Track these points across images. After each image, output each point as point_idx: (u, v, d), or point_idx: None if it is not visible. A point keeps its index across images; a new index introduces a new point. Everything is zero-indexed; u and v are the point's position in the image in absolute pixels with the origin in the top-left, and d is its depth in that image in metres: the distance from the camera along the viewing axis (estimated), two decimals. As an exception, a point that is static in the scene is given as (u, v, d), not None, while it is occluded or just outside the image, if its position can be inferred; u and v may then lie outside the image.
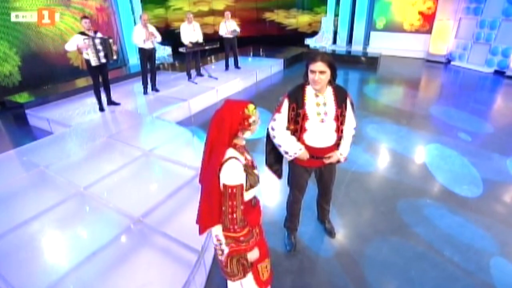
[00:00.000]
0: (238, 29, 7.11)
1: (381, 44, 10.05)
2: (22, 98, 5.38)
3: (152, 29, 5.34)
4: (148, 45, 5.31)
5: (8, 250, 2.26)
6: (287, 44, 10.84)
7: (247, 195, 1.40)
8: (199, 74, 6.88)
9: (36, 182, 3.10)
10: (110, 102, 5.09)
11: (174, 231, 2.34)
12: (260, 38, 11.37)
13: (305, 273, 2.27)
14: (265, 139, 2.14)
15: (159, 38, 5.46)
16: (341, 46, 11.10)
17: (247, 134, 1.36)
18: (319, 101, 1.93)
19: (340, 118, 1.97)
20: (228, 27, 6.96)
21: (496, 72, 7.69)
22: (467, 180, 3.36)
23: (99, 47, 4.42)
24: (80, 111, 4.90)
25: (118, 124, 4.54)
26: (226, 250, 1.45)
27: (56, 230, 2.49)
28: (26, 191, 2.97)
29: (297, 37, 11.82)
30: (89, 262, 2.13)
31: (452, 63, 8.74)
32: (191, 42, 6.28)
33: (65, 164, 3.42)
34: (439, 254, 2.41)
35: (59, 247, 2.33)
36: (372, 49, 10.05)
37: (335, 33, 11.57)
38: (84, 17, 4.40)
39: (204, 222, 1.43)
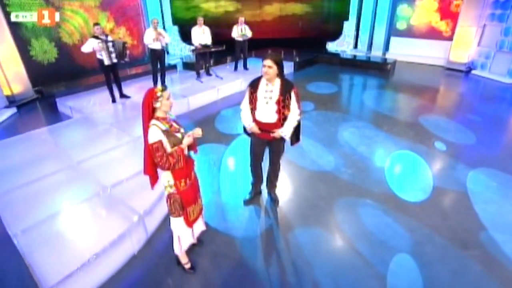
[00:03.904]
0: (249, 34, 7.58)
1: (401, 50, 9.81)
2: (54, 88, 6.45)
3: (161, 31, 6.04)
4: (157, 46, 6.01)
5: (10, 201, 3.01)
6: (308, 47, 10.96)
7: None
8: (208, 73, 7.49)
9: (45, 155, 3.88)
10: (122, 95, 5.89)
11: (131, 199, 2.90)
12: (281, 41, 11.61)
13: (224, 247, 2.68)
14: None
15: (167, 38, 6.15)
16: (361, 51, 11.02)
17: (158, 105, 1.98)
18: (267, 89, 2.60)
19: (281, 103, 2.59)
20: (240, 31, 7.46)
21: (518, 83, 7.18)
22: (418, 186, 3.46)
23: (111, 49, 5.20)
24: (96, 102, 5.77)
25: (123, 114, 5.28)
26: (165, 194, 2.16)
27: (47, 191, 3.18)
28: (35, 161, 3.74)
29: (318, 40, 11.92)
30: (60, 214, 2.78)
31: (473, 72, 8.28)
32: (200, 44, 6.91)
33: (71, 143, 4.19)
34: (351, 247, 2.64)
35: (45, 202, 3.01)
36: (391, 55, 9.84)
37: (356, 37, 11.50)
38: (96, 24, 5.19)
39: (150, 172, 2.11)
